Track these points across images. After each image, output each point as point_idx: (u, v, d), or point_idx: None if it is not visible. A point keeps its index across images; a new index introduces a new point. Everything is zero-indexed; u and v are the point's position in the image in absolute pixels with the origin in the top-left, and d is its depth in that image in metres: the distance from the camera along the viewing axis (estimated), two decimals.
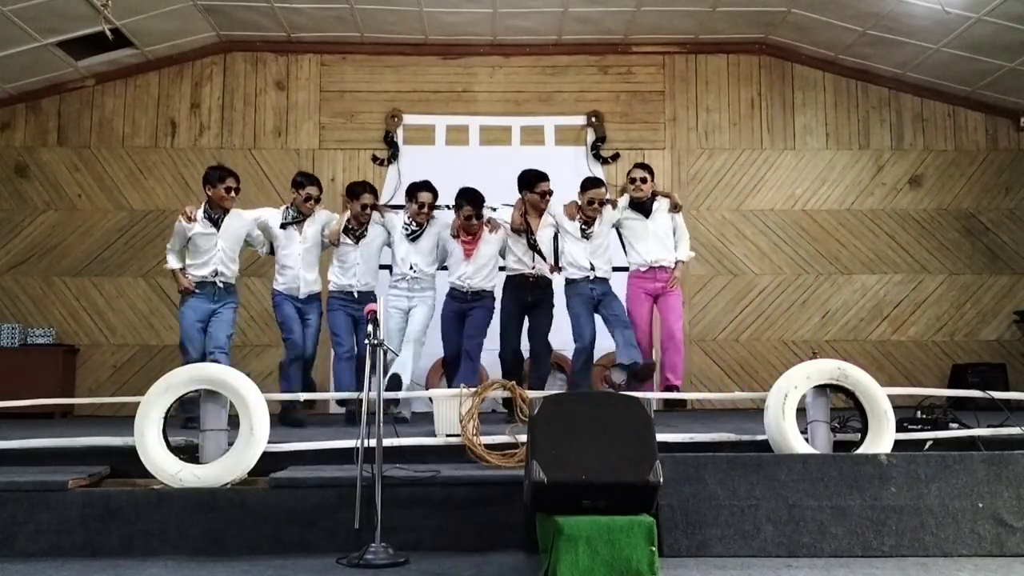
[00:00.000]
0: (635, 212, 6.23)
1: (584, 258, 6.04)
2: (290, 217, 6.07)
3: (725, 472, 3.76)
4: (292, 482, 3.91)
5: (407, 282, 6.03)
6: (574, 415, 3.39)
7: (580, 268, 6.06)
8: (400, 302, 6.05)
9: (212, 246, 5.82)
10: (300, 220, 6.07)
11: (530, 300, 6.05)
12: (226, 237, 5.87)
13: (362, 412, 3.70)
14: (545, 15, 8.07)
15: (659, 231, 6.20)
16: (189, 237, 5.83)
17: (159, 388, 4.09)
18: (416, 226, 6.05)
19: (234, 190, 5.86)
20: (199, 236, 5.82)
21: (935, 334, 8.46)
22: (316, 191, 6.07)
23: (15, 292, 8.29)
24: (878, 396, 4.19)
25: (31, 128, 8.48)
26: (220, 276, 5.84)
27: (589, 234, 6.07)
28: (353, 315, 6.03)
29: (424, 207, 6.00)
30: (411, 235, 6.03)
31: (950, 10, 6.97)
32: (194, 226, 5.81)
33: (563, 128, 8.58)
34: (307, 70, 8.64)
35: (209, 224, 5.83)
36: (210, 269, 5.81)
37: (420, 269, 6.02)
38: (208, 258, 5.81)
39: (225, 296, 5.90)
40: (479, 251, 6.02)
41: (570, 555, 3.11)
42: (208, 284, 5.83)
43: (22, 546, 3.75)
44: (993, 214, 8.60)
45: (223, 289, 5.88)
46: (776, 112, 8.70)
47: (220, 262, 5.83)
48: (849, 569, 3.43)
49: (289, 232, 6.06)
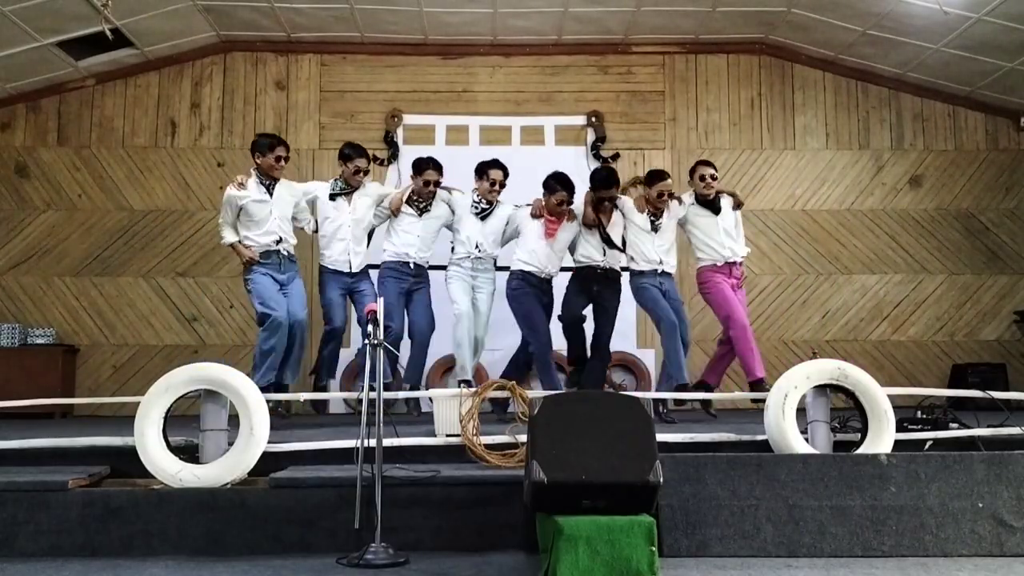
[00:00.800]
0: (704, 209, 6.15)
1: (653, 251, 5.98)
2: (338, 188, 5.94)
3: (725, 472, 3.76)
4: (292, 482, 3.91)
5: (471, 262, 5.97)
6: (574, 415, 3.39)
7: (649, 261, 5.99)
8: (464, 278, 5.97)
9: (267, 214, 5.67)
10: (348, 192, 5.94)
11: (595, 289, 5.99)
12: (279, 205, 5.73)
13: (363, 409, 3.70)
14: (545, 15, 8.07)
15: (727, 227, 6.14)
16: (241, 207, 5.66)
17: (159, 388, 4.09)
18: (487, 204, 6.01)
19: (284, 159, 5.75)
20: (252, 204, 5.66)
21: (935, 334, 8.46)
22: (365, 163, 5.95)
23: (15, 292, 8.29)
24: (878, 396, 4.19)
25: (31, 128, 8.48)
26: (284, 244, 5.71)
27: (658, 226, 6.02)
28: (406, 289, 5.93)
29: (495, 185, 5.98)
30: (481, 213, 5.99)
31: (949, 10, 6.97)
32: (246, 194, 5.66)
33: (563, 128, 8.58)
34: (307, 70, 8.64)
35: (263, 191, 5.70)
36: (273, 236, 5.67)
37: (484, 249, 5.98)
38: (267, 227, 5.67)
39: (290, 267, 5.78)
40: (559, 237, 5.97)
41: (570, 555, 3.11)
42: (273, 253, 5.69)
43: (22, 546, 3.75)
44: (993, 214, 8.60)
45: (288, 259, 5.75)
46: (776, 112, 8.70)
47: (280, 229, 5.70)
48: (849, 569, 3.43)
49: (338, 203, 5.92)
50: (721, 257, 6.10)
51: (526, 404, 4.26)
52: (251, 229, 5.70)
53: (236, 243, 5.73)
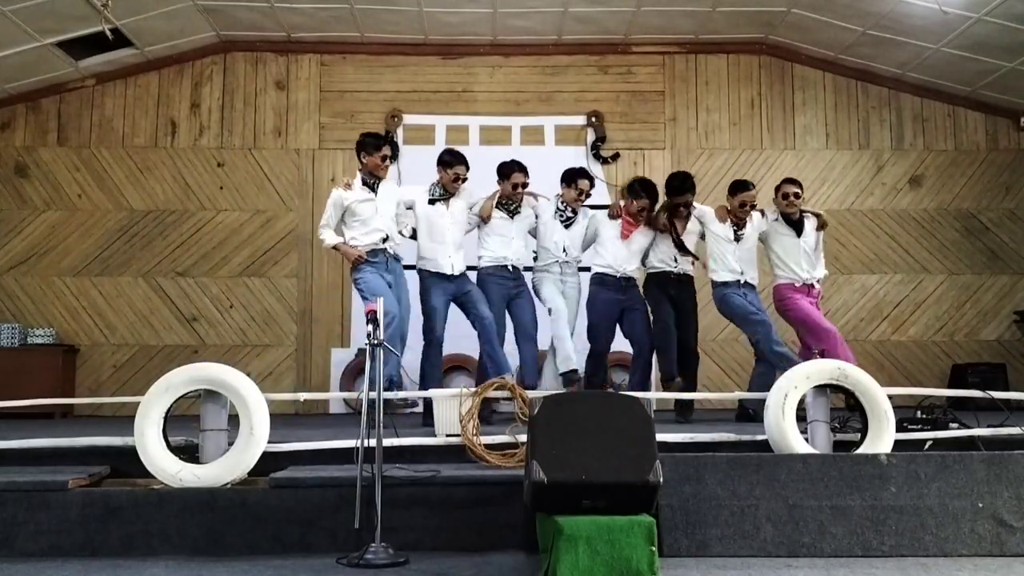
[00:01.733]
0: (787, 227, 6.04)
1: (735, 262, 5.93)
2: (437, 194, 5.85)
3: (725, 472, 3.75)
4: (292, 482, 3.91)
5: (559, 266, 5.99)
6: (574, 415, 3.39)
7: (731, 271, 5.95)
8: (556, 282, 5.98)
9: (374, 212, 5.61)
10: (447, 197, 5.86)
11: (673, 294, 5.97)
12: (384, 203, 5.69)
13: (363, 409, 3.70)
14: (545, 15, 8.07)
15: (809, 248, 6.02)
16: (347, 207, 5.62)
17: (159, 388, 4.09)
18: (572, 212, 6.02)
19: (389, 158, 5.76)
20: (358, 204, 5.61)
21: (935, 334, 8.46)
22: (464, 171, 5.84)
23: (15, 292, 8.29)
24: (878, 396, 4.19)
25: (31, 128, 8.48)
26: (389, 242, 5.64)
27: (740, 236, 5.97)
28: (509, 293, 5.89)
29: (582, 194, 5.99)
30: (566, 221, 6.01)
31: (949, 10, 6.97)
32: (352, 194, 5.63)
33: (563, 128, 8.59)
34: (307, 70, 8.64)
35: (368, 190, 5.67)
36: (381, 234, 5.61)
37: (572, 254, 6.02)
38: (373, 225, 5.61)
39: (395, 266, 5.70)
40: (635, 237, 5.97)
41: (570, 555, 3.11)
42: (380, 251, 5.61)
43: (22, 546, 3.74)
44: (993, 214, 8.60)
45: (393, 258, 5.70)
46: (776, 112, 8.70)
47: (387, 227, 5.65)
48: (849, 569, 3.43)
49: (437, 208, 5.83)
50: (799, 278, 5.98)
51: (526, 404, 4.26)
52: (357, 229, 5.64)
53: (340, 244, 5.66)
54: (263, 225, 8.42)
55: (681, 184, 6.00)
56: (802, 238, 6.01)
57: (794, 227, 6.02)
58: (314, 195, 8.43)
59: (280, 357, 8.31)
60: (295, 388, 8.06)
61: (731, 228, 5.98)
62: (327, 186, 8.36)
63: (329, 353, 8.28)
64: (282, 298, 8.37)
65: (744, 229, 5.98)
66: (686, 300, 6.01)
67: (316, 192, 8.42)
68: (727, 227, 5.99)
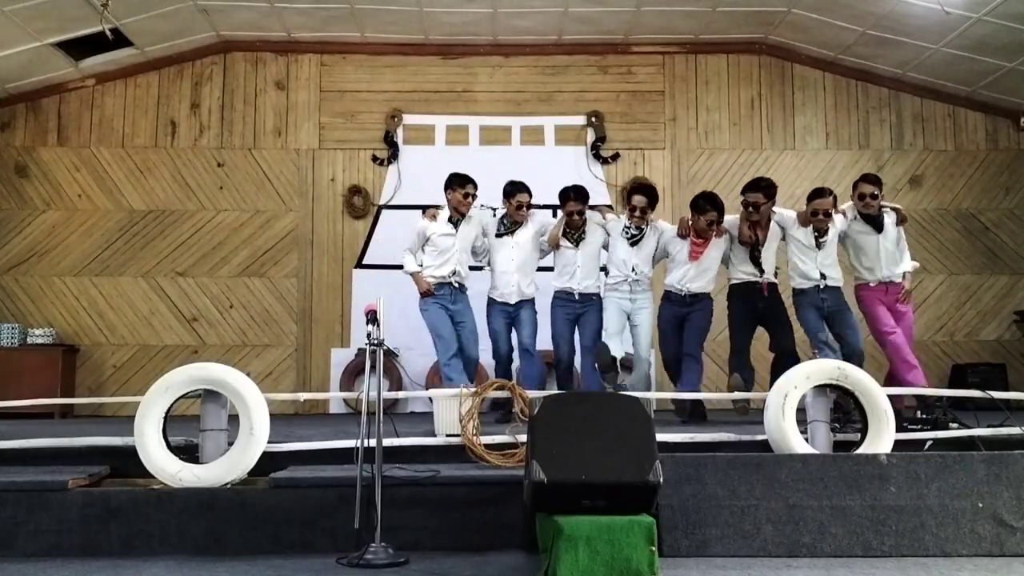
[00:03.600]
0: (866, 225, 5.87)
1: (814, 268, 5.82)
2: (503, 229, 6.07)
3: (725, 472, 3.75)
4: (292, 482, 3.91)
5: (628, 284, 5.97)
6: (574, 415, 3.39)
7: (809, 279, 5.83)
8: (623, 302, 6.00)
9: (451, 246, 5.88)
10: (512, 229, 6.06)
11: (761, 307, 5.90)
12: (463, 239, 5.95)
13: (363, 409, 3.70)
14: (545, 15, 8.06)
15: (889, 246, 5.87)
16: (428, 237, 5.90)
17: (159, 388, 4.09)
18: (636, 230, 5.99)
19: (472, 196, 5.92)
20: (439, 237, 5.88)
21: (935, 334, 8.46)
22: (527, 198, 6.01)
23: (15, 292, 8.29)
24: (878, 396, 4.19)
25: (31, 128, 8.48)
26: (456, 276, 5.89)
27: (823, 244, 5.82)
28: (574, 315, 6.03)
29: (636, 211, 5.95)
30: (632, 239, 5.99)
31: (950, 10, 6.97)
32: (435, 227, 5.90)
33: (563, 128, 8.58)
34: (307, 70, 8.64)
35: (451, 226, 5.91)
36: (449, 268, 5.87)
37: (641, 271, 5.98)
38: (447, 258, 5.87)
39: (460, 297, 5.96)
40: (707, 255, 5.91)
41: (570, 555, 3.11)
42: (446, 285, 5.88)
43: (22, 546, 3.75)
44: (993, 214, 8.60)
45: (458, 289, 5.94)
46: (776, 112, 8.70)
47: (458, 262, 5.90)
48: (849, 569, 3.42)
49: (504, 240, 6.05)
50: (877, 279, 5.88)
51: (526, 404, 4.26)
52: (433, 259, 5.91)
53: (417, 273, 5.92)
54: (263, 225, 8.42)
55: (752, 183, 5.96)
56: (881, 236, 5.86)
57: (873, 225, 5.87)
58: (314, 195, 8.44)
59: (280, 357, 8.31)
60: (295, 388, 8.07)
61: (812, 235, 5.84)
62: (327, 186, 8.38)
63: (329, 353, 8.28)
64: (282, 298, 8.37)
65: (826, 236, 5.84)
66: (774, 308, 5.91)
67: (316, 192, 8.43)
68: (808, 233, 5.85)
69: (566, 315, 6.02)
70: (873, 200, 5.82)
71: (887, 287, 5.89)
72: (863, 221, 5.89)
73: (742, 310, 5.96)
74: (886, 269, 5.87)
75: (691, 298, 5.94)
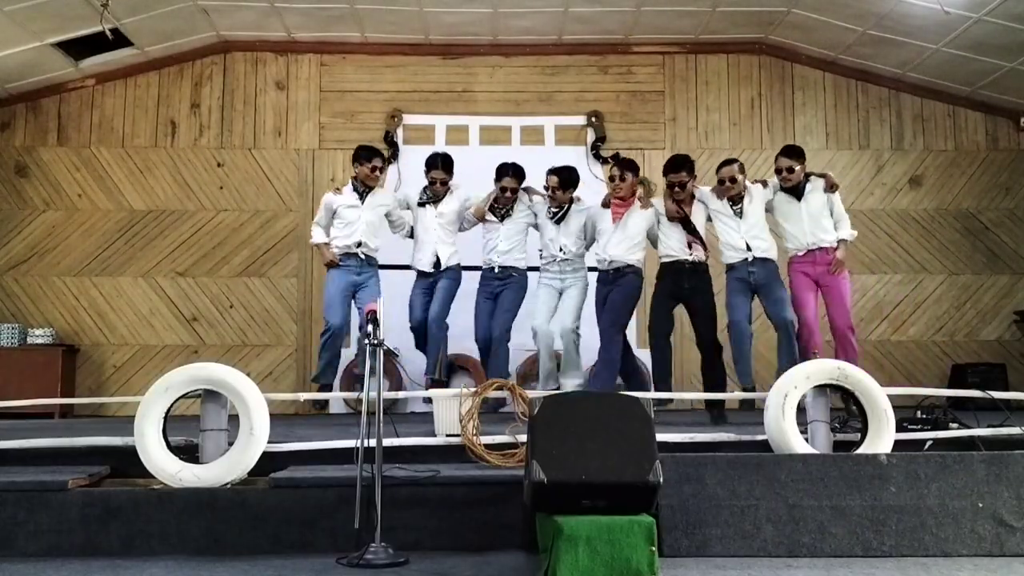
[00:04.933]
0: (787, 194, 5.91)
1: (740, 239, 5.78)
2: (425, 197, 6.29)
3: (725, 472, 3.75)
4: (292, 482, 3.91)
5: (558, 264, 6.03)
6: (574, 415, 3.39)
7: (737, 250, 5.79)
8: (553, 283, 6.05)
9: (356, 218, 6.13)
10: (435, 200, 6.26)
11: (687, 287, 5.81)
12: (370, 211, 6.19)
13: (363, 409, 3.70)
14: (545, 15, 8.06)
15: (813, 211, 5.83)
16: (335, 210, 6.19)
17: (159, 388, 4.09)
18: (556, 207, 6.05)
19: (379, 169, 6.26)
20: (345, 208, 6.17)
21: (935, 334, 8.46)
22: (440, 174, 6.19)
23: (15, 292, 8.29)
24: (878, 396, 4.19)
25: (31, 128, 8.48)
26: (363, 247, 6.13)
27: (740, 211, 5.80)
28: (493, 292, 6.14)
29: (549, 189, 6.05)
30: (554, 217, 6.05)
31: (950, 10, 6.97)
32: (341, 199, 6.20)
33: (563, 128, 8.58)
34: (307, 70, 8.64)
35: (356, 197, 6.18)
36: (354, 239, 6.11)
37: (570, 250, 6.01)
38: (353, 229, 6.12)
39: (367, 268, 6.18)
40: (630, 220, 5.87)
41: (570, 555, 3.11)
42: (352, 255, 6.13)
43: (22, 546, 3.75)
44: (993, 214, 8.60)
45: (365, 261, 6.17)
46: (776, 112, 8.70)
47: (363, 234, 6.13)
48: (849, 569, 3.42)
49: (426, 210, 6.26)
50: (802, 245, 5.85)
51: (526, 404, 4.26)
52: (340, 230, 6.18)
53: (322, 244, 6.25)
54: (263, 225, 8.42)
55: (672, 160, 5.97)
56: (804, 202, 5.87)
57: (794, 193, 5.88)
58: (314, 195, 8.43)
59: (280, 357, 8.31)
60: (295, 388, 8.06)
61: (728, 204, 5.85)
62: (327, 186, 8.35)
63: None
64: (282, 298, 8.37)
65: (741, 204, 5.82)
66: (701, 294, 5.82)
67: (316, 192, 8.41)
68: (724, 203, 5.85)
69: (487, 293, 6.12)
70: (790, 174, 5.86)
71: (815, 255, 5.85)
72: (784, 191, 5.94)
73: (666, 286, 5.87)
74: (811, 235, 5.84)
75: (614, 273, 5.86)
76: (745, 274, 5.78)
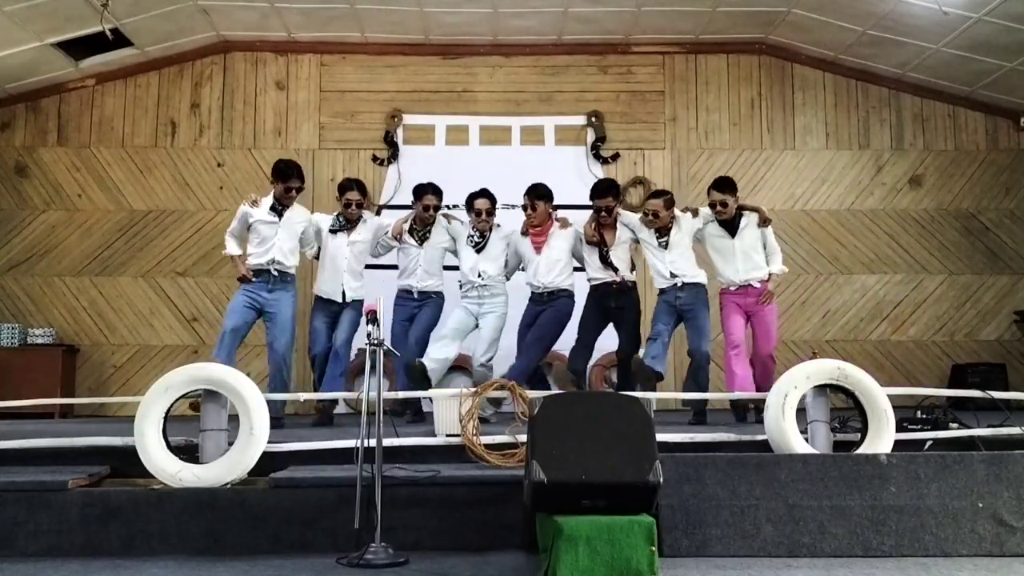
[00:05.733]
0: (721, 229, 5.92)
1: (665, 267, 5.84)
2: (338, 225, 6.10)
3: (725, 472, 3.76)
4: (292, 482, 3.91)
5: (476, 290, 5.96)
6: (574, 415, 3.39)
7: (663, 277, 5.86)
8: (471, 306, 5.99)
9: (272, 235, 5.89)
10: (348, 228, 6.09)
11: (613, 306, 5.90)
12: (286, 229, 5.95)
13: (363, 409, 3.70)
14: (545, 15, 8.07)
15: (747, 248, 5.88)
16: (250, 224, 5.93)
17: (159, 388, 4.09)
18: (480, 236, 6.00)
19: (295, 190, 5.98)
20: (261, 224, 5.91)
21: (935, 334, 8.46)
22: (356, 195, 6.05)
23: (15, 292, 8.29)
24: (878, 396, 4.19)
25: (31, 128, 8.48)
26: (276, 264, 5.88)
27: (665, 243, 5.84)
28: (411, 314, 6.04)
29: (481, 214, 5.96)
30: (476, 246, 5.99)
31: (949, 10, 6.97)
32: (257, 213, 5.92)
33: (563, 128, 8.58)
34: (307, 70, 8.64)
35: (274, 215, 5.93)
36: (268, 257, 5.87)
37: (489, 276, 5.95)
38: (268, 247, 5.88)
39: (281, 284, 5.91)
40: (551, 245, 5.92)
41: (570, 555, 3.11)
42: (264, 272, 5.88)
43: (22, 546, 3.75)
44: (993, 214, 8.60)
45: (278, 278, 5.90)
46: (776, 112, 8.70)
47: (279, 251, 5.89)
48: (849, 569, 3.43)
49: (338, 238, 6.08)
50: (734, 282, 5.89)
51: (526, 404, 4.26)
52: (255, 246, 5.92)
53: (236, 257, 5.96)
54: None
55: (598, 186, 6.01)
56: (737, 239, 5.88)
57: (728, 228, 5.91)
58: (313, 195, 8.42)
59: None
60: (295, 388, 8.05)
61: (654, 235, 5.87)
62: (327, 186, 8.36)
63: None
64: None
65: (669, 236, 5.85)
66: (627, 311, 5.92)
67: (315, 192, 8.41)
68: (651, 234, 5.89)
69: (404, 315, 6.02)
70: (724, 208, 5.85)
71: (746, 290, 5.90)
72: (719, 225, 5.93)
73: (593, 307, 5.97)
74: (743, 273, 5.87)
75: (548, 295, 5.92)
76: (672, 299, 5.87)
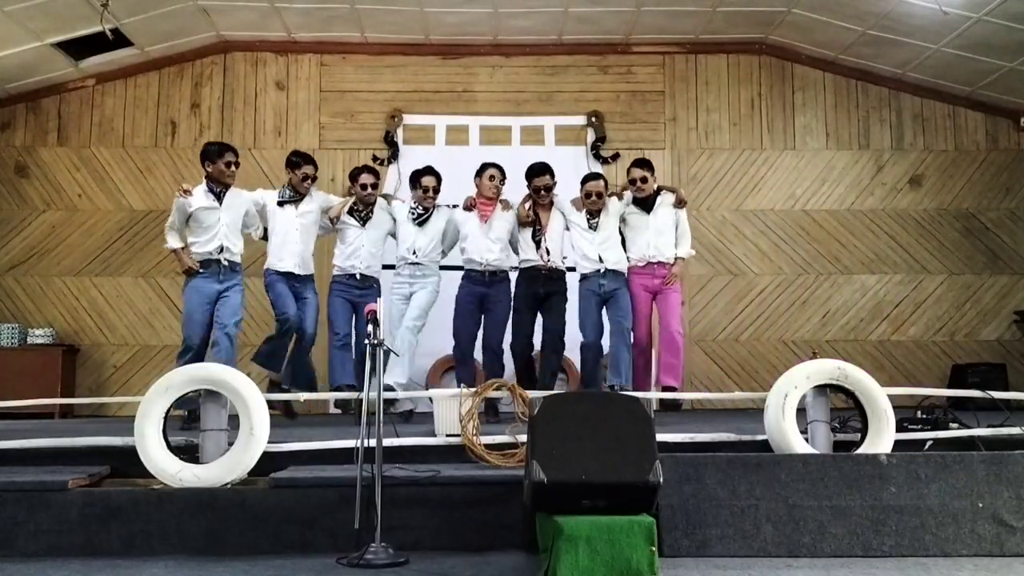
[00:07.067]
0: (637, 207, 6.09)
1: (593, 250, 5.94)
2: (287, 196, 6.02)
3: (725, 472, 3.76)
4: (292, 482, 3.91)
5: (409, 268, 5.97)
6: (574, 415, 3.39)
7: (590, 261, 5.96)
8: (402, 288, 6.00)
9: (215, 221, 5.63)
10: (297, 199, 6.02)
11: (543, 292, 5.96)
12: (229, 212, 5.71)
13: (361, 411, 3.69)
14: (545, 15, 8.06)
15: (660, 226, 6.03)
16: (190, 213, 5.65)
17: (159, 388, 4.09)
18: (423, 210, 6.02)
19: (234, 164, 5.73)
20: (201, 211, 5.63)
21: (935, 334, 8.46)
22: (312, 170, 6.03)
23: (15, 292, 8.29)
24: (878, 396, 4.19)
25: (31, 128, 8.48)
26: (226, 253, 5.65)
27: (595, 225, 5.96)
28: (353, 301, 5.99)
29: (428, 191, 5.99)
30: (417, 219, 6.00)
31: (949, 10, 6.97)
32: (195, 201, 5.66)
33: (563, 128, 8.58)
34: (307, 70, 8.64)
35: (212, 199, 5.68)
36: (215, 245, 5.62)
37: (425, 253, 5.98)
38: (213, 234, 5.62)
39: (231, 275, 5.68)
40: (495, 222, 5.97)
41: (570, 555, 3.11)
42: (213, 262, 5.63)
43: (22, 546, 3.75)
44: (993, 214, 8.60)
45: (228, 267, 5.66)
46: (776, 112, 8.69)
47: (225, 237, 5.64)
48: (849, 569, 3.43)
49: (286, 210, 5.98)
50: (642, 257, 6.02)
51: (526, 404, 4.26)
52: (197, 235, 5.68)
53: (179, 250, 5.73)
54: None
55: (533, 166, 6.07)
56: (652, 215, 6.05)
57: (644, 206, 6.07)
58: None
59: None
60: None
61: (585, 217, 6.00)
62: (327, 186, 8.34)
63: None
64: None
65: (599, 218, 5.99)
66: (555, 295, 5.98)
67: None
68: (582, 216, 6.02)
69: (345, 300, 5.97)
70: (644, 184, 6.03)
71: (653, 268, 6.01)
72: (635, 204, 6.10)
73: (524, 293, 6.00)
74: (652, 248, 5.99)
75: (490, 276, 5.94)
76: (596, 286, 5.95)
